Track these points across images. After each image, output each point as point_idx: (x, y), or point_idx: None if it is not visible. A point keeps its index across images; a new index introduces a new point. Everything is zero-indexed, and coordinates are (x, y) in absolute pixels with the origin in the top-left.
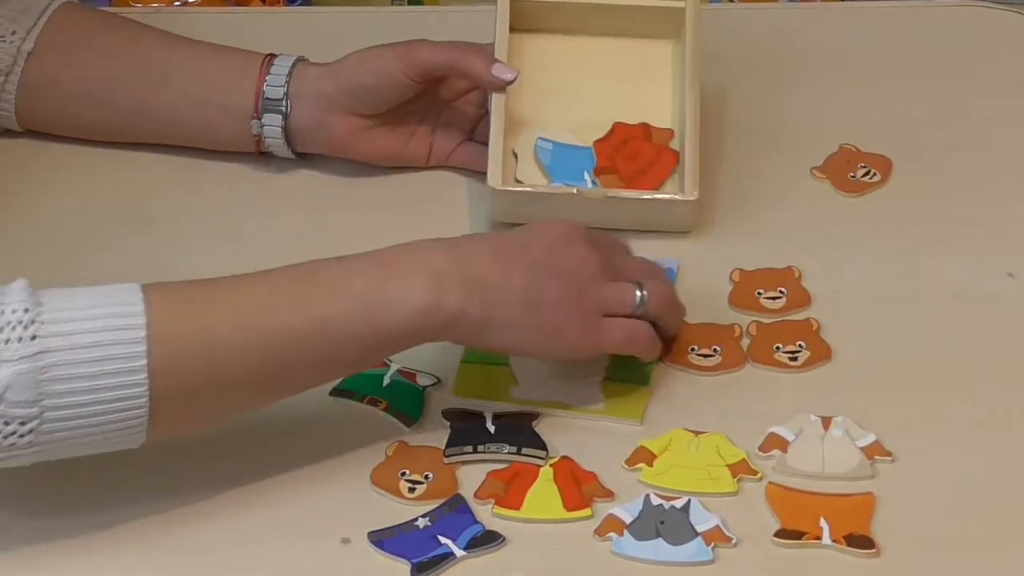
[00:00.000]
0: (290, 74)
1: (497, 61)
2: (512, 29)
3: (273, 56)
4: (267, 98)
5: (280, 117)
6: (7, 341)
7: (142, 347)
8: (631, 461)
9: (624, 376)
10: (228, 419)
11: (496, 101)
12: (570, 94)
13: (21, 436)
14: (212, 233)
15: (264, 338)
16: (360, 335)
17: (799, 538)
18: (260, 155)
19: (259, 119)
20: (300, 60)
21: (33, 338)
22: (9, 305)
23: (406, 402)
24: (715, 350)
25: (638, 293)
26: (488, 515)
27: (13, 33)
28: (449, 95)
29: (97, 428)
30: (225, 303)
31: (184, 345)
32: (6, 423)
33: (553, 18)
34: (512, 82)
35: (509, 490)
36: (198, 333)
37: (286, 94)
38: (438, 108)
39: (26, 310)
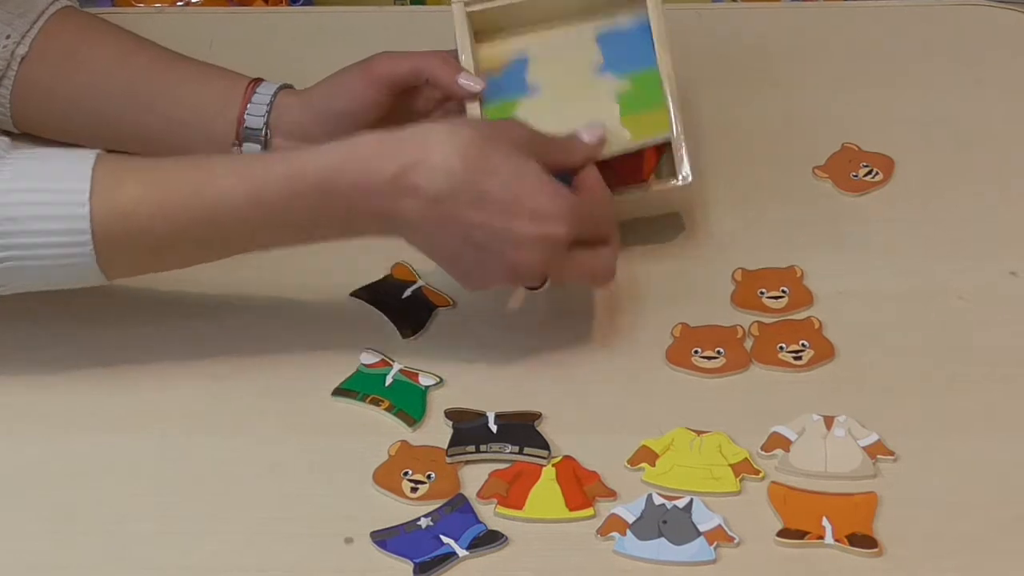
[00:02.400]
0: (271, 104)
1: (463, 70)
2: (476, 39)
3: (258, 82)
4: (247, 127)
5: (259, 147)
6: None
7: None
8: (633, 461)
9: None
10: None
11: (470, 112)
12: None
13: None
14: None
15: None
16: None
17: (802, 538)
18: None
19: (239, 147)
20: (283, 88)
21: None
22: None
23: (408, 402)
24: (719, 352)
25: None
26: (490, 515)
27: (8, 37)
28: (428, 107)
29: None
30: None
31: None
32: None
33: (515, 17)
34: (480, 92)
35: (511, 490)
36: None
37: (266, 123)
38: None
39: None
